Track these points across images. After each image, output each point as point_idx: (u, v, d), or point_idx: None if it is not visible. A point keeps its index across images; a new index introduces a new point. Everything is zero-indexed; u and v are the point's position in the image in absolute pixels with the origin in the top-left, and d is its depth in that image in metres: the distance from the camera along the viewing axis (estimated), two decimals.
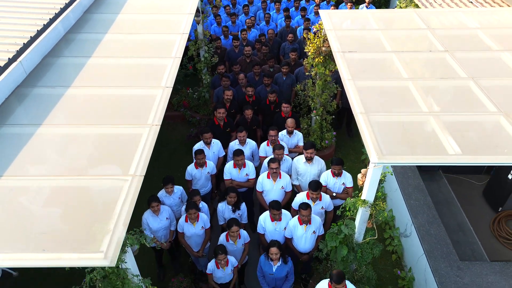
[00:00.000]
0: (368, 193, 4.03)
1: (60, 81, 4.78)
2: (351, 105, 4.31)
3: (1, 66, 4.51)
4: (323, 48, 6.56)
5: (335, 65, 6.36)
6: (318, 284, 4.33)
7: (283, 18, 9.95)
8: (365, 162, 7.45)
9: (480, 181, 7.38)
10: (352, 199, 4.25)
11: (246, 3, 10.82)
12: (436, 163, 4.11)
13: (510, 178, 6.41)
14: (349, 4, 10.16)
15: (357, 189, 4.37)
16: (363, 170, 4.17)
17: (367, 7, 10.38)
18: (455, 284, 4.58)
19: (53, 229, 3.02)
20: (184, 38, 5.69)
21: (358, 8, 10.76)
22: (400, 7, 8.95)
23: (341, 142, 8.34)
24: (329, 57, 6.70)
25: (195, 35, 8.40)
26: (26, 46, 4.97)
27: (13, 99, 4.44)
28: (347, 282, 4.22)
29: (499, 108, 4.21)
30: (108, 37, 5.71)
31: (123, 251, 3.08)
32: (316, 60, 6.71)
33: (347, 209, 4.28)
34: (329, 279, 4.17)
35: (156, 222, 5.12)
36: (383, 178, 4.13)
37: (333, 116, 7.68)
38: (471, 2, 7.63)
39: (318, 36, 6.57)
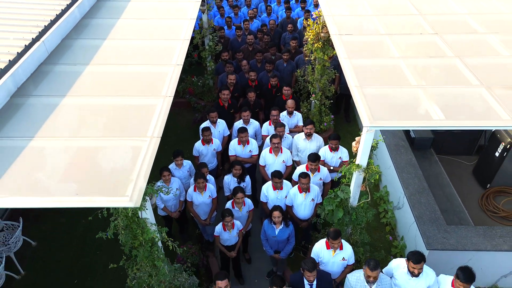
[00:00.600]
0: (361, 158, 4.44)
1: (78, 59, 5.19)
2: (347, 80, 4.71)
3: (26, 45, 4.92)
4: (322, 34, 6.96)
5: (333, 50, 6.78)
6: (316, 243, 4.75)
7: (284, 10, 10.36)
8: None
9: (470, 161, 7.80)
10: (347, 166, 4.67)
11: None
12: (422, 126, 4.51)
13: (497, 155, 6.83)
14: None
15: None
16: (357, 138, 4.57)
17: None
18: (442, 245, 4.99)
19: (84, 179, 3.43)
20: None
21: None
22: None
23: (339, 126, 8.75)
24: (327, 42, 7.11)
25: (200, 24, 8.81)
26: (47, 28, 5.38)
27: (37, 75, 4.85)
28: (343, 241, 4.63)
29: (481, 82, 4.61)
30: (120, 22, 6.12)
31: (143, 199, 3.48)
32: (315, 45, 7.12)
33: (343, 174, 4.69)
34: (326, 237, 4.59)
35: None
36: (375, 145, 4.54)
37: (332, 101, 8.08)
38: None
39: (317, 22, 6.97)
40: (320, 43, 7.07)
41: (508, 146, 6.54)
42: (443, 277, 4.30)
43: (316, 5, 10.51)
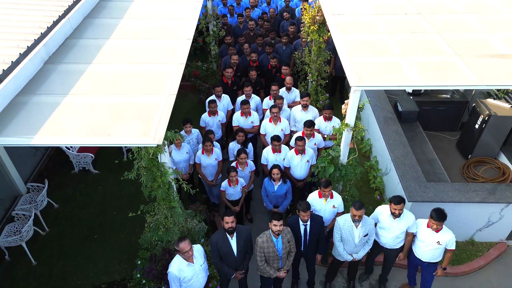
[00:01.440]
0: (349, 117, 5.06)
1: (100, 35, 5.81)
2: (338, 51, 5.32)
3: (54, 21, 5.53)
4: (317, 17, 7.58)
5: (328, 32, 7.40)
6: (310, 194, 5.37)
7: (283, 0, 10.97)
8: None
9: (454, 136, 8.43)
10: (337, 125, 5.30)
11: None
12: (400, 86, 5.18)
13: (476, 127, 7.46)
14: None
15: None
16: (346, 101, 5.20)
17: None
18: (421, 198, 5.61)
19: (115, 125, 4.06)
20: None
21: None
22: None
23: (334, 106, 9.19)
24: (322, 25, 7.72)
25: (205, 13, 9.41)
26: (70, 7, 6.00)
27: (64, 47, 5.47)
28: (333, 191, 5.26)
29: (455, 52, 5.23)
30: (135, 5, 6.75)
31: (163, 144, 4.11)
32: (311, 28, 7.73)
33: (334, 133, 5.32)
34: (318, 188, 5.21)
35: (178, 155, 6.15)
36: (361, 106, 5.17)
37: (327, 81, 8.69)
38: None
39: (313, 6, 7.59)
40: (316, 25, 7.68)
41: (487, 118, 7.16)
42: (420, 220, 4.93)
43: None
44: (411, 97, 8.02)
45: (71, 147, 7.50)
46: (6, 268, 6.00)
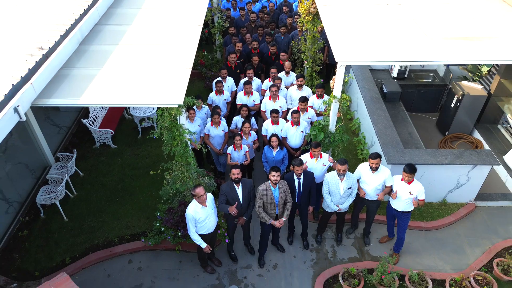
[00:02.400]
0: (336, 90, 5.96)
1: (123, 21, 6.70)
2: (327, 34, 6.21)
3: (85, 10, 6.42)
4: (312, 9, 8.45)
5: (321, 22, 8.28)
6: (302, 156, 6.26)
7: None
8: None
9: (435, 117, 9.34)
10: (326, 99, 6.20)
11: None
12: (378, 61, 6.12)
13: (452, 106, 8.37)
14: None
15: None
16: (334, 77, 6.09)
17: None
18: (399, 161, 6.50)
19: (142, 90, 4.96)
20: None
21: None
22: None
23: (327, 92, 10.18)
24: (316, 16, 8.60)
25: (211, 5, 10.30)
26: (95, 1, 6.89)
27: (94, 31, 6.36)
28: (323, 153, 6.15)
29: (426, 35, 6.12)
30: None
31: (181, 106, 5.00)
32: (306, 18, 8.61)
33: (324, 103, 6.22)
34: (310, 149, 6.11)
35: (191, 127, 7.03)
36: (346, 81, 6.06)
37: (321, 67, 9.58)
38: None
39: None
40: (311, 16, 8.56)
41: (460, 97, 8.07)
42: (396, 176, 5.83)
43: None
44: (395, 80, 8.92)
45: (93, 123, 8.40)
46: (42, 224, 6.90)
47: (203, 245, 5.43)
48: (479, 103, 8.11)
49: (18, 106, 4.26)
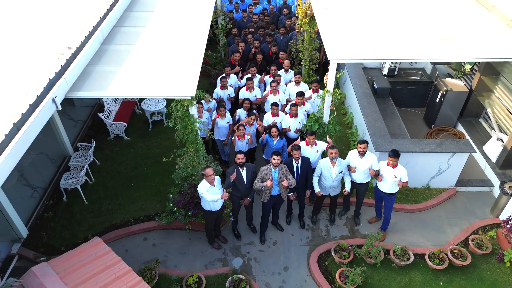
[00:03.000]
0: (329, 85, 6.65)
1: (138, 23, 7.39)
2: (321, 35, 6.89)
3: (104, 13, 7.10)
4: (308, 11, 9.14)
5: (317, 24, 8.97)
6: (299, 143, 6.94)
7: None
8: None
9: (422, 112, 10.03)
10: (321, 93, 6.89)
11: None
12: (366, 59, 6.76)
13: (437, 101, 9.06)
14: None
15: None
16: (327, 73, 6.78)
17: None
18: (386, 149, 7.19)
19: (159, 83, 5.65)
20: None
21: None
22: None
23: (323, 88, 10.94)
24: (313, 18, 9.29)
25: (215, 6, 10.97)
26: (114, 4, 7.57)
27: (113, 32, 7.06)
28: (317, 140, 6.84)
29: (411, 36, 6.81)
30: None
31: (193, 99, 5.70)
32: (304, 20, 9.30)
33: (318, 96, 6.91)
34: (305, 137, 6.80)
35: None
36: (338, 77, 6.75)
37: (317, 65, 10.27)
38: None
39: (305, 2, 9.16)
40: (308, 18, 9.25)
41: (444, 93, 8.76)
42: (382, 162, 6.52)
43: None
44: (385, 77, 9.62)
45: (108, 117, 9.09)
46: (64, 206, 7.60)
47: (218, 197, 5.97)
48: (461, 98, 8.80)
49: (55, 97, 4.96)
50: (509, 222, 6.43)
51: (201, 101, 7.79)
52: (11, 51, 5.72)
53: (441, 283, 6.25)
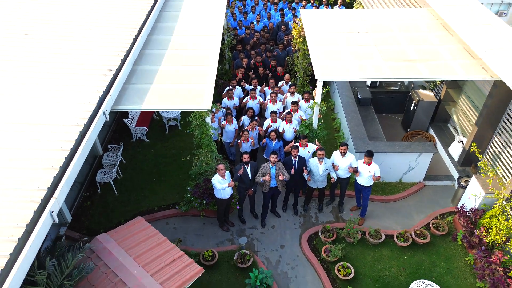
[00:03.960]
0: (317, 98, 8.14)
1: (160, 46, 8.89)
2: (311, 57, 8.36)
3: (134, 39, 8.58)
4: (302, 33, 10.63)
5: None
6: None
7: (280, 15, 14.01)
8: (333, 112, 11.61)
9: (400, 117, 11.51)
10: (311, 104, 8.38)
11: (253, 4, 14.90)
12: (345, 79, 8.23)
13: (412, 109, 10.54)
14: (325, 5, 14.25)
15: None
16: (315, 89, 8.26)
17: (339, 7, 14.46)
18: (364, 149, 8.64)
19: (182, 98, 7.13)
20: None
21: (333, 8, 14.84)
22: (356, 7, 13.07)
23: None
24: (306, 38, 10.75)
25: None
26: (140, 28, 9.04)
27: (141, 55, 8.54)
28: (308, 143, 8.32)
29: (382, 58, 8.30)
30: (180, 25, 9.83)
31: (209, 111, 7.18)
32: (298, 39, 10.78)
33: (309, 107, 8.40)
34: (299, 140, 8.29)
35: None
36: (324, 91, 8.23)
37: (310, 77, 11.74)
38: (397, 4, 11.68)
39: (299, 25, 10.65)
40: (301, 38, 10.73)
41: (417, 102, 10.24)
42: (359, 160, 8.00)
43: None
44: (367, 88, 11.11)
45: (131, 122, 10.58)
46: (99, 197, 9.09)
47: (226, 185, 7.45)
48: (431, 106, 10.28)
49: (105, 110, 6.46)
50: (462, 209, 7.91)
51: (213, 110, 9.26)
52: (67, 74, 7.19)
53: (405, 257, 7.73)
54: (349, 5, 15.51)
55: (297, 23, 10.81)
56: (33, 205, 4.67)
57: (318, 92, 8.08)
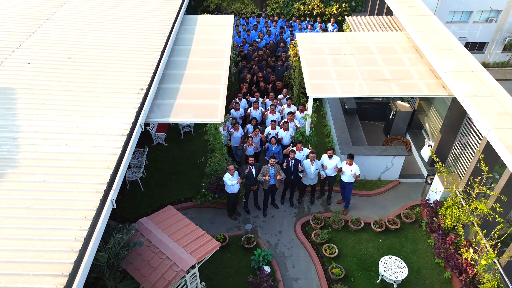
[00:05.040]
0: (309, 111, 9.85)
1: (182, 55, 10.61)
2: (304, 77, 10.06)
3: (157, 62, 10.28)
4: (298, 52, 12.34)
5: None
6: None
7: (279, 32, 15.73)
8: (325, 120, 13.32)
9: (382, 124, 13.23)
10: (304, 115, 10.11)
11: (255, 23, 16.63)
12: (331, 95, 9.94)
13: (391, 117, 12.26)
14: (319, 23, 15.97)
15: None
16: (306, 103, 9.96)
17: (331, 25, 16.19)
18: (347, 152, 10.35)
19: (198, 111, 8.86)
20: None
21: (326, 26, 16.57)
22: (344, 30, 14.80)
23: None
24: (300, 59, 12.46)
25: None
26: (162, 53, 10.74)
27: (164, 76, 10.25)
28: (303, 148, 10.02)
29: (363, 78, 10.01)
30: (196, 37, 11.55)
31: (222, 122, 8.89)
32: (295, 58, 12.49)
33: (302, 118, 10.13)
34: (295, 145, 10.00)
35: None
36: (315, 105, 9.93)
37: (305, 90, 13.42)
38: (380, 27, 13.39)
39: (294, 45, 12.36)
40: (297, 57, 12.44)
41: (395, 112, 11.95)
42: (343, 162, 9.71)
43: (300, 30, 15.90)
44: (354, 100, 12.82)
45: (152, 128, 12.29)
46: (128, 192, 10.80)
47: (235, 182, 9.15)
48: (407, 116, 11.99)
49: (141, 123, 8.17)
50: (426, 201, 9.59)
51: (227, 123, 11.00)
52: (108, 92, 8.88)
53: (380, 240, 9.43)
54: (340, 22, 17.26)
55: (293, 45, 12.52)
56: (98, 195, 6.39)
57: (309, 106, 9.79)
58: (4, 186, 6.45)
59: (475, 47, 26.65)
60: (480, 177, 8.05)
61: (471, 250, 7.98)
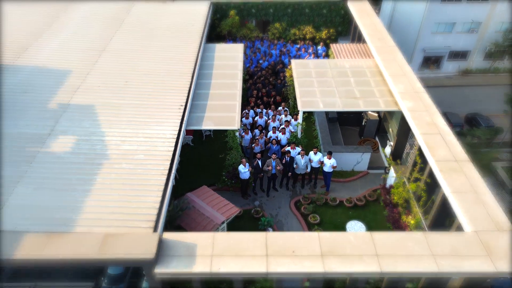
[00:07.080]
0: (299, 120, 13.36)
1: (205, 88, 14.14)
2: (296, 95, 13.56)
3: (190, 82, 13.78)
4: (293, 74, 15.83)
5: None
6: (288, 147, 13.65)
7: (279, 54, 19.25)
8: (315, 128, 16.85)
9: (358, 129, 16.75)
10: (296, 123, 13.63)
11: (259, 47, 20.17)
12: (319, 109, 13.47)
13: (364, 124, 15.79)
14: (311, 46, 19.51)
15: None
16: (297, 115, 13.46)
17: (321, 47, 19.72)
18: (328, 150, 13.84)
19: (218, 122, 12.39)
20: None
21: (317, 47, 20.06)
22: (329, 55, 18.35)
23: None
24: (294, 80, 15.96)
25: None
26: (193, 74, 14.24)
27: (194, 94, 13.77)
28: (296, 147, 13.53)
29: (339, 97, 13.51)
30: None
31: (237, 129, 12.39)
32: (290, 78, 15.99)
33: (296, 125, 13.66)
34: (291, 144, 13.52)
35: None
36: (305, 116, 13.43)
37: None
38: (357, 54, 16.87)
39: (290, 68, 15.87)
40: (292, 77, 15.92)
41: (366, 120, 15.45)
42: (324, 157, 13.21)
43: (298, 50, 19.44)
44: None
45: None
46: None
47: (247, 170, 12.67)
48: (375, 123, 15.49)
49: (183, 130, 11.68)
50: (384, 185, 13.07)
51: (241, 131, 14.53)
52: (158, 108, 12.37)
53: (350, 212, 12.94)
54: (328, 45, 20.71)
55: (289, 68, 16.04)
56: (164, 176, 9.92)
57: (300, 117, 13.31)
58: (104, 171, 10.00)
59: (458, 55, 29.37)
60: (417, 167, 11.55)
61: (409, 216, 11.50)
